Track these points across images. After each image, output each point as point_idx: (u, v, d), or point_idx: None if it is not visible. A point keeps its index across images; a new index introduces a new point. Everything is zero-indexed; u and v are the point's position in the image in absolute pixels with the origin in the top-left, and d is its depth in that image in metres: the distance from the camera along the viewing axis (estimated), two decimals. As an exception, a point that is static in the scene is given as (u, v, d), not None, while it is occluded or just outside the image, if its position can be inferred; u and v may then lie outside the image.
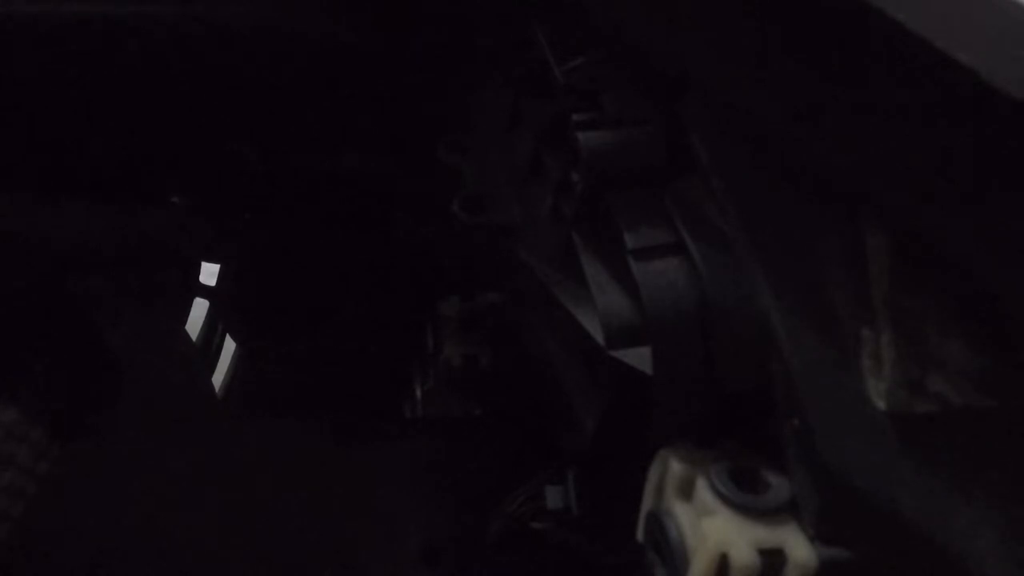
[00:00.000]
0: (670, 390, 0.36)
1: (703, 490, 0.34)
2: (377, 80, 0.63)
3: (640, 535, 0.38)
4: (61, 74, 0.62)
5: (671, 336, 0.35)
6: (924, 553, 0.32)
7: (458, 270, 0.72)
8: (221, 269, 1.02)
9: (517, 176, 0.49)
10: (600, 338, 0.37)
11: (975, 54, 0.25)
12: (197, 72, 0.64)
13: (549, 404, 0.50)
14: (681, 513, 0.35)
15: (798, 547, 0.32)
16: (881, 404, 0.32)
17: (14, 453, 0.77)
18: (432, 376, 0.75)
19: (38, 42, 0.59)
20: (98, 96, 0.65)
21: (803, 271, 0.34)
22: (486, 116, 0.54)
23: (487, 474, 0.74)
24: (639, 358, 0.36)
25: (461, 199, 0.48)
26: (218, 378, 1.02)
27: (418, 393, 0.82)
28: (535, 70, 0.45)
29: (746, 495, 0.33)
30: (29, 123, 0.68)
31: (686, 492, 0.35)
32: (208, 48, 0.62)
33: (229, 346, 1.06)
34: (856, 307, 0.33)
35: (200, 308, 1.08)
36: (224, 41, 0.62)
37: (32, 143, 0.72)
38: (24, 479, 0.78)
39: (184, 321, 1.00)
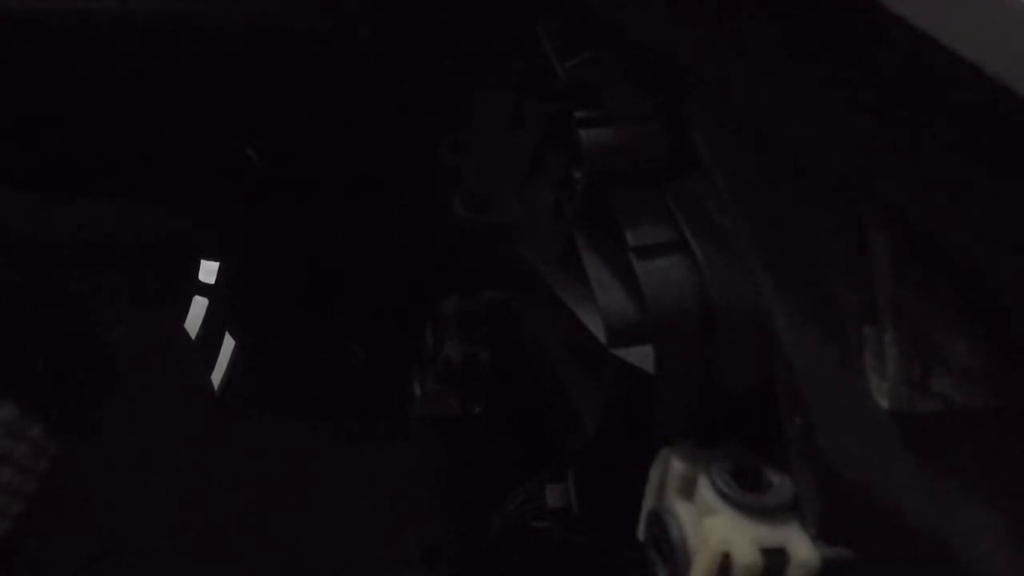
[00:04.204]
0: (672, 388, 0.35)
1: (705, 489, 0.34)
2: (378, 78, 0.63)
3: (641, 534, 0.38)
4: (60, 71, 0.62)
5: (673, 334, 0.34)
6: (926, 553, 0.31)
7: (459, 268, 0.72)
8: (221, 267, 1.02)
9: (518, 174, 0.48)
10: (601, 336, 0.37)
11: (980, 51, 0.25)
12: (197, 70, 0.64)
13: (550, 402, 0.50)
14: (683, 512, 0.35)
15: (800, 546, 0.32)
16: (884, 403, 0.32)
17: (13, 451, 0.77)
18: (432, 375, 0.75)
19: (38, 39, 0.59)
20: (97, 93, 0.65)
21: (806, 269, 0.34)
22: (487, 114, 0.54)
23: (487, 474, 0.74)
24: (641, 356, 0.35)
25: (462, 197, 0.48)
26: (217, 377, 1.01)
27: (418, 392, 0.82)
28: (537, 67, 0.45)
29: (748, 494, 0.33)
30: (28, 121, 0.68)
31: (688, 491, 0.35)
32: (208, 46, 0.62)
33: (228, 345, 1.06)
34: (859, 305, 0.33)
35: (200, 307, 1.08)
36: (225, 39, 0.62)
37: (32, 142, 0.71)
38: (23, 477, 0.78)
39: (183, 319, 1.00)
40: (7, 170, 0.76)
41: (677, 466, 0.35)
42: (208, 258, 1.00)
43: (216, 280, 1.02)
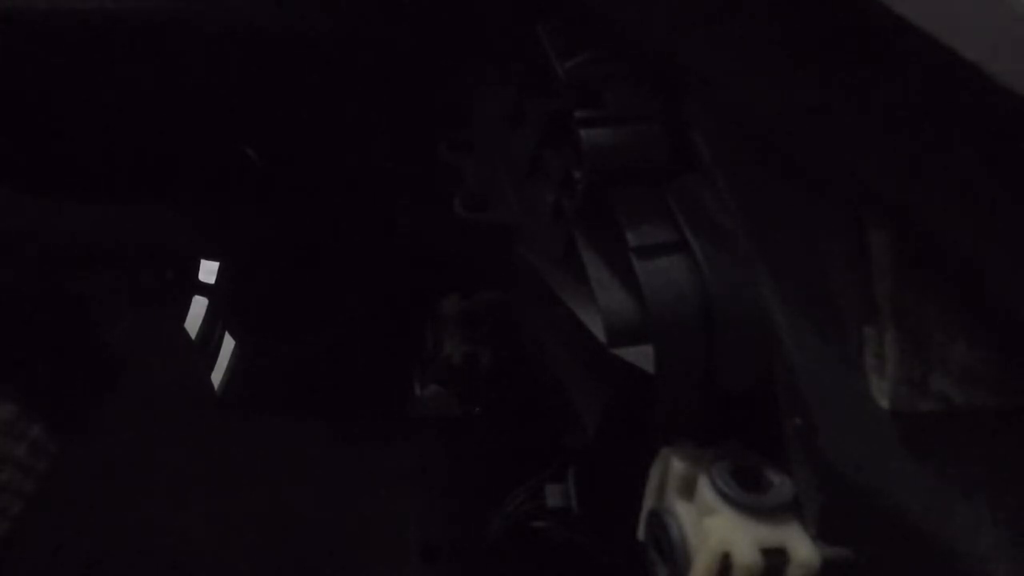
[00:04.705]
0: (672, 388, 0.35)
1: (705, 489, 0.34)
2: (379, 78, 0.63)
3: (641, 534, 0.38)
4: (61, 72, 0.62)
5: (673, 334, 0.34)
6: (926, 552, 0.31)
7: (459, 268, 0.72)
8: (221, 267, 1.02)
9: (518, 173, 0.48)
10: (602, 336, 0.37)
11: (981, 50, 0.25)
12: (197, 71, 0.64)
13: (550, 402, 0.50)
14: (683, 512, 0.35)
15: (800, 546, 0.32)
16: (884, 403, 0.32)
17: (12, 451, 0.77)
18: (432, 375, 0.75)
19: (38, 38, 0.59)
20: (98, 94, 0.65)
21: (806, 269, 0.34)
22: (487, 113, 0.54)
23: (487, 474, 0.74)
24: (641, 356, 0.35)
25: (462, 197, 0.48)
26: (217, 377, 1.02)
27: (418, 392, 0.82)
28: (537, 67, 0.45)
29: (748, 494, 0.33)
30: (29, 122, 0.68)
31: (688, 491, 0.35)
32: (208, 46, 0.62)
33: (228, 345, 1.06)
34: (859, 305, 0.33)
35: (200, 307, 1.08)
36: (224, 39, 0.62)
37: (33, 143, 0.71)
38: (22, 477, 0.78)
39: (183, 319, 1.00)
40: (7, 171, 0.76)
41: (677, 466, 0.35)
42: (208, 258, 1.00)
43: (216, 280, 1.03)
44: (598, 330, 0.37)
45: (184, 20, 0.60)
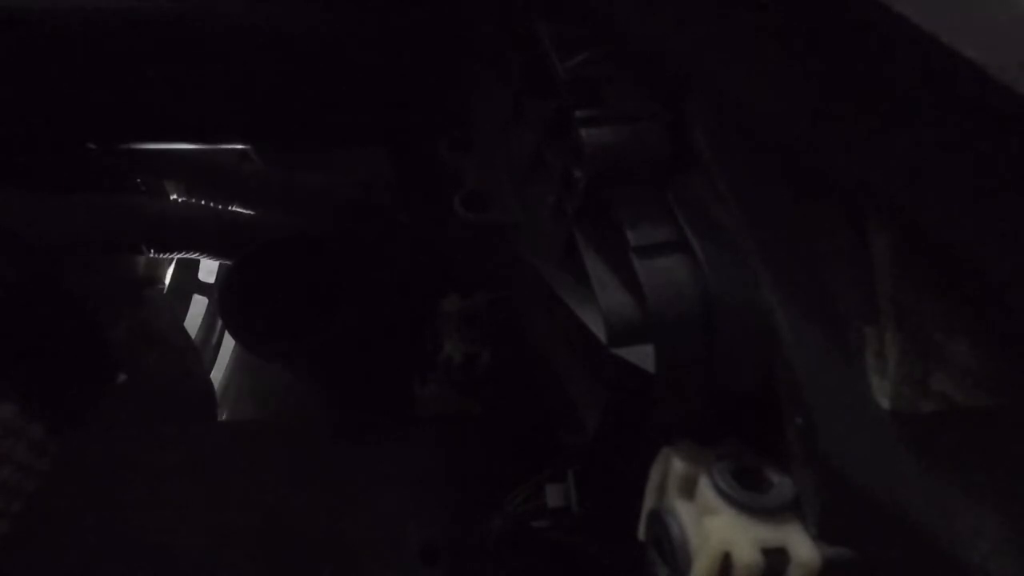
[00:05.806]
0: (672, 388, 0.35)
1: (706, 489, 0.34)
2: (378, 76, 0.63)
3: (642, 534, 0.38)
4: (56, 69, 0.61)
5: (674, 334, 0.34)
6: (927, 552, 0.31)
7: (459, 267, 0.72)
8: (221, 266, 1.02)
9: (519, 173, 0.48)
10: (602, 336, 0.37)
11: (983, 51, 0.25)
12: (193, 68, 0.64)
13: (550, 402, 0.50)
14: (683, 512, 0.35)
15: (801, 546, 0.32)
16: (885, 403, 0.32)
17: (12, 450, 0.77)
18: (432, 375, 0.75)
19: (31, 35, 0.59)
20: (95, 91, 0.65)
21: (807, 269, 0.34)
22: (487, 113, 0.54)
23: (487, 474, 0.74)
24: (641, 356, 0.35)
25: (462, 196, 0.48)
26: (218, 376, 1.02)
27: (418, 392, 0.82)
28: (536, 66, 0.45)
29: (749, 494, 0.33)
30: (24, 118, 0.68)
31: (688, 491, 0.35)
32: (205, 44, 0.62)
33: (228, 345, 1.06)
34: (860, 305, 0.33)
35: (200, 305, 1.08)
36: (222, 37, 0.61)
37: (28, 139, 0.71)
38: (22, 476, 0.78)
39: (183, 318, 1.00)
40: (4, 167, 0.76)
41: (678, 465, 0.35)
42: (209, 258, 1.00)
43: (216, 278, 1.03)
44: (598, 330, 0.37)
45: (181, 20, 0.60)
